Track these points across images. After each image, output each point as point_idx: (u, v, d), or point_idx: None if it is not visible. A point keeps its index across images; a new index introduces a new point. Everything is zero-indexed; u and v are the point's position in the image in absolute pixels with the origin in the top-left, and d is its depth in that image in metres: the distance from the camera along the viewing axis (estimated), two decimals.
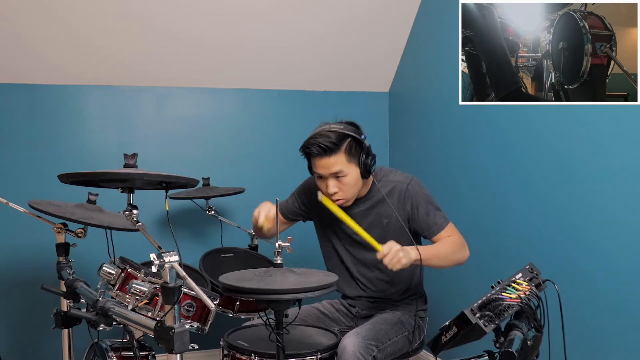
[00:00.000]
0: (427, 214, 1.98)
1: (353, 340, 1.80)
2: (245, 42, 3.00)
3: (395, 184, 2.01)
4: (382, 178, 2.04)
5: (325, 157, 1.89)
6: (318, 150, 1.88)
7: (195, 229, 3.16)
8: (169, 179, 1.58)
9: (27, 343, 2.94)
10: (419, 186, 2.02)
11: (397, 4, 3.04)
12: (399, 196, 2.00)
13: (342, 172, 1.90)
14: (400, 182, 2.01)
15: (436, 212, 2.00)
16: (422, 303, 2.16)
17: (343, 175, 1.91)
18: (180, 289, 1.31)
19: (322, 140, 1.87)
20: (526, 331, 1.34)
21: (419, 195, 1.99)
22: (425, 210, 1.98)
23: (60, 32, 2.76)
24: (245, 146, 3.25)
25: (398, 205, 2.00)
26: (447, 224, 2.00)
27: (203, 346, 2.49)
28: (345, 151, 1.89)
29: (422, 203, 1.99)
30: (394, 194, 2.00)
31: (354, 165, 1.92)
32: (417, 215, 1.99)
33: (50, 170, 2.11)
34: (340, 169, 1.90)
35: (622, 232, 1.90)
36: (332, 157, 1.88)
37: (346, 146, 1.89)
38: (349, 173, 1.91)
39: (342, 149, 1.89)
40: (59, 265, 1.79)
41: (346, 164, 1.90)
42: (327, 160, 1.89)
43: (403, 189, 2.00)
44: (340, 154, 1.89)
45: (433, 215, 1.99)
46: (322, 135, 1.89)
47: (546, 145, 2.23)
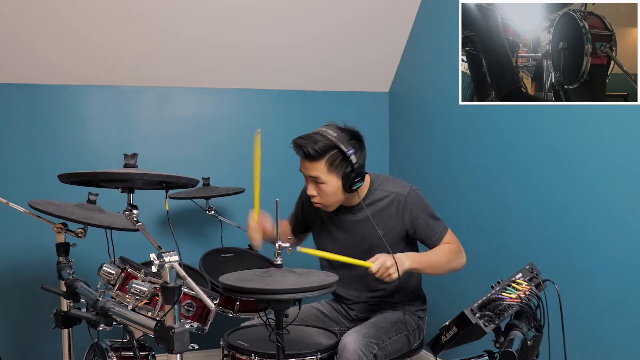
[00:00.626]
0: (427, 225, 1.98)
1: (354, 337, 1.80)
2: (245, 42, 3.00)
3: (394, 195, 2.00)
4: (378, 186, 2.02)
5: (307, 161, 1.91)
6: (300, 153, 1.91)
7: (195, 229, 3.16)
8: (169, 179, 1.58)
9: (27, 343, 2.94)
10: (418, 197, 2.01)
11: (397, 4, 3.04)
12: (397, 207, 1.98)
13: (321, 180, 1.90)
14: (399, 193, 1.99)
15: (435, 222, 2.00)
16: (420, 303, 2.16)
17: (322, 183, 1.91)
18: (180, 289, 1.31)
19: (308, 143, 1.88)
20: (526, 331, 1.34)
21: (418, 206, 1.99)
22: (425, 222, 1.98)
23: (60, 32, 2.76)
24: (245, 146, 3.21)
25: (396, 216, 1.99)
26: (446, 232, 2.00)
27: (203, 346, 2.49)
28: (327, 161, 1.88)
29: (422, 214, 1.98)
30: (392, 205, 1.99)
31: (335, 177, 1.90)
32: (417, 227, 1.99)
33: (50, 170, 2.11)
34: (318, 175, 1.90)
35: (622, 232, 1.90)
36: (314, 163, 1.89)
37: (329, 157, 1.88)
38: (327, 182, 1.90)
39: (325, 158, 1.88)
40: (59, 265, 1.79)
41: (326, 174, 1.89)
42: (309, 164, 1.91)
43: (402, 200, 1.98)
44: (321, 162, 1.89)
45: (433, 225, 1.99)
46: (311, 138, 1.89)
47: (546, 145, 2.23)
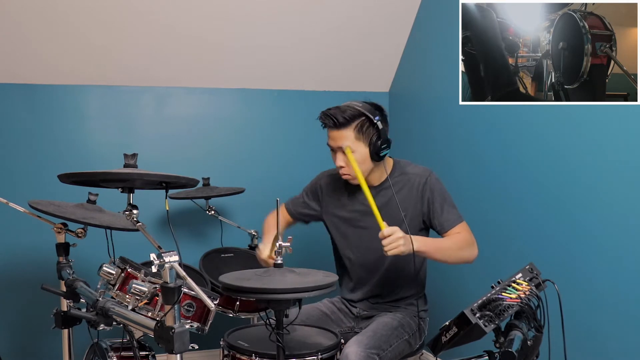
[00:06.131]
0: (442, 210, 2.00)
1: (355, 349, 1.80)
2: (245, 42, 3.00)
3: (415, 177, 2.03)
4: (402, 168, 2.07)
5: (335, 130, 1.95)
6: (329, 122, 1.94)
7: (195, 229, 3.16)
8: (169, 179, 1.58)
9: (27, 343, 2.94)
10: (437, 181, 2.04)
11: (397, 4, 3.04)
12: (418, 189, 2.01)
13: (350, 148, 1.93)
14: (419, 175, 2.03)
15: (450, 209, 2.01)
16: (422, 303, 2.16)
17: (351, 151, 1.94)
18: (180, 289, 1.31)
19: (336, 112, 1.93)
20: (526, 331, 1.34)
21: (436, 190, 2.01)
22: (440, 206, 2.00)
23: (60, 32, 2.75)
24: (245, 146, 3.25)
25: (416, 198, 2.01)
26: (460, 222, 2.00)
27: (203, 346, 2.49)
28: (355, 128, 1.93)
29: (438, 198, 2.01)
30: (413, 187, 2.02)
31: (363, 144, 1.94)
32: (431, 210, 2.01)
33: (50, 170, 2.11)
34: (347, 144, 1.93)
35: (622, 232, 1.90)
36: (342, 130, 1.93)
37: (357, 124, 1.93)
38: (356, 150, 1.94)
39: (353, 125, 1.93)
40: (59, 265, 1.80)
41: (354, 141, 1.94)
42: (337, 133, 1.95)
43: (422, 182, 2.02)
44: (349, 129, 1.93)
45: (447, 211, 2.00)
46: (339, 108, 1.94)
47: (546, 145, 2.23)
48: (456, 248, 1.95)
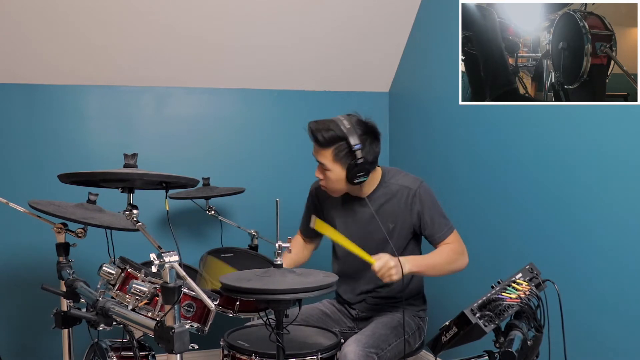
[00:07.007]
0: (432, 222, 1.99)
1: (353, 349, 1.80)
2: (246, 42, 3.00)
3: (404, 188, 2.01)
4: (390, 179, 2.04)
5: (316, 145, 1.96)
6: (312, 137, 1.95)
7: (195, 229, 3.16)
8: (169, 179, 1.58)
9: (27, 343, 2.94)
10: (426, 192, 2.02)
11: (397, 4, 3.04)
12: (406, 202, 2.00)
13: (326, 167, 1.94)
14: (409, 186, 2.01)
15: (440, 220, 2.00)
16: (421, 303, 2.16)
17: (327, 170, 1.95)
18: (180, 289, 1.31)
19: (319, 129, 1.92)
20: (526, 331, 1.34)
21: (425, 202, 2.00)
22: (430, 218, 1.99)
23: (60, 32, 2.75)
24: (245, 146, 3.24)
25: (405, 210, 2.00)
26: (451, 233, 2.00)
27: (203, 346, 2.49)
28: (333, 151, 1.92)
29: (427, 211, 1.99)
30: (402, 199, 2.00)
31: (339, 167, 1.93)
32: (422, 221, 2.00)
33: (50, 170, 2.11)
34: (324, 162, 1.94)
35: (622, 232, 1.90)
36: (321, 149, 1.94)
37: (336, 147, 1.91)
38: (332, 170, 1.94)
39: (332, 148, 1.92)
40: (59, 265, 1.80)
41: (331, 162, 1.93)
42: (318, 149, 1.95)
43: (411, 194, 2.00)
44: (328, 150, 1.93)
45: (438, 223, 1.99)
46: (324, 125, 1.93)
47: (546, 145, 2.22)
48: (445, 263, 1.96)
